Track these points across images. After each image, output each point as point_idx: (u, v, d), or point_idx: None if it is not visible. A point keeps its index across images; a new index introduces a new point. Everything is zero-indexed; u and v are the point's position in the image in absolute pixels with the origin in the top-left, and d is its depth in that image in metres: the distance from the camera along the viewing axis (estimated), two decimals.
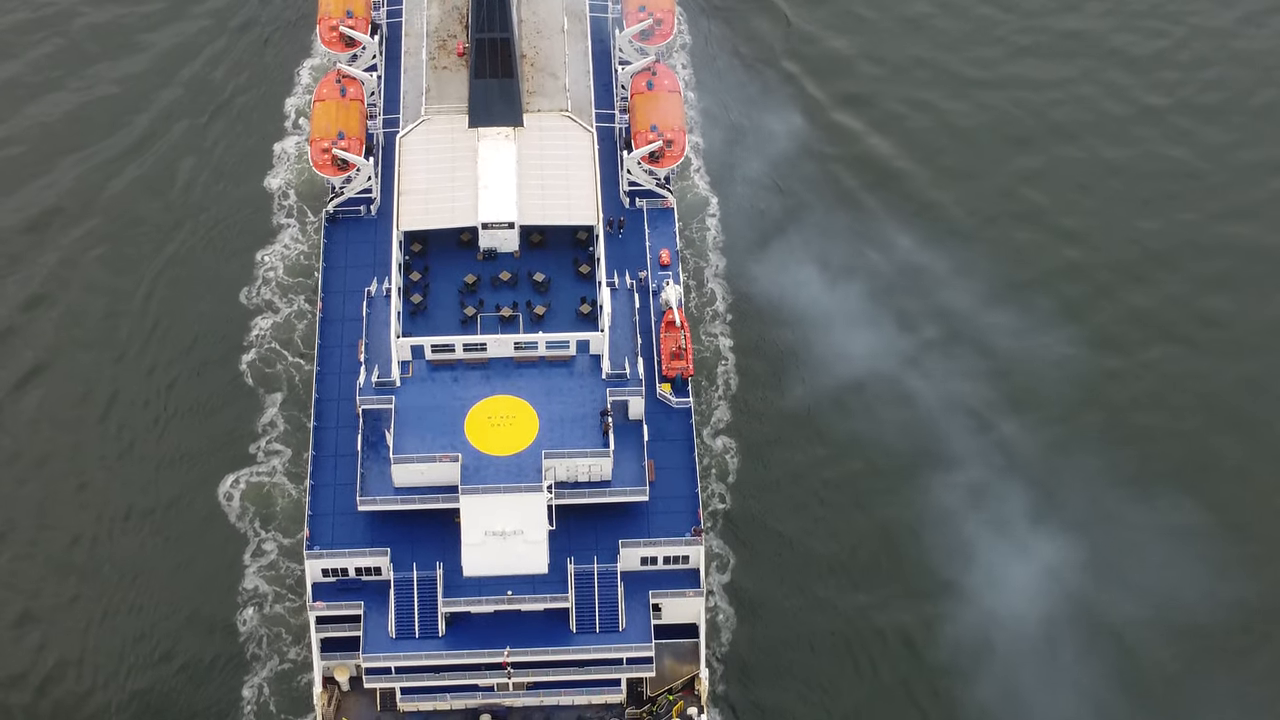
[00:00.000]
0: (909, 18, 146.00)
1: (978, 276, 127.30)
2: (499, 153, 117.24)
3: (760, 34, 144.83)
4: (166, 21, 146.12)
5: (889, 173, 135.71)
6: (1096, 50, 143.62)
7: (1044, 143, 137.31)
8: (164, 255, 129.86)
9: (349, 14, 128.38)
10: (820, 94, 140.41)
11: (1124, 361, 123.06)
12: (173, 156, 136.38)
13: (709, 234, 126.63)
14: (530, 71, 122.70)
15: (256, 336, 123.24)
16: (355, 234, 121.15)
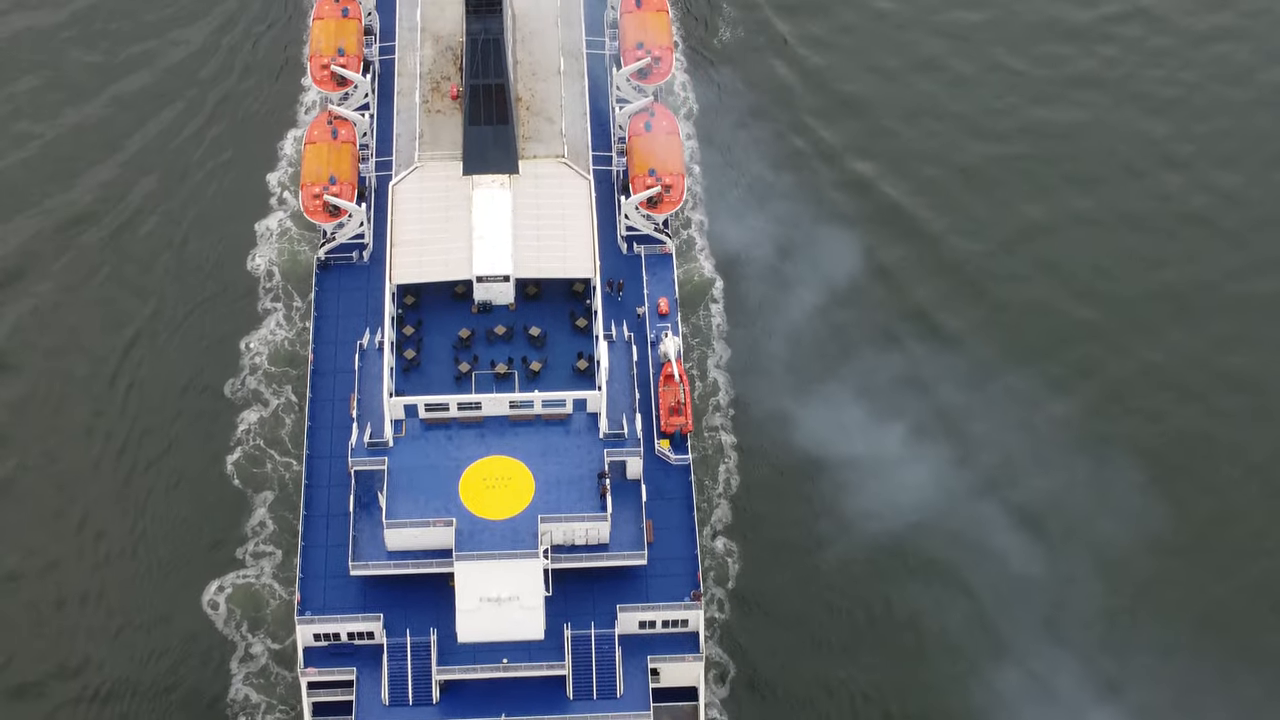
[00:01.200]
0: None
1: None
2: (494, 202, 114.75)
3: (769, 106, 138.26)
4: (142, 98, 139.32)
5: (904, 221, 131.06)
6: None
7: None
8: (139, 344, 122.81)
9: (340, 51, 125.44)
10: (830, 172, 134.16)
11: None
12: (147, 235, 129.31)
13: (714, 320, 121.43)
14: (526, 115, 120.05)
15: (243, 433, 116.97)
16: (347, 281, 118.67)
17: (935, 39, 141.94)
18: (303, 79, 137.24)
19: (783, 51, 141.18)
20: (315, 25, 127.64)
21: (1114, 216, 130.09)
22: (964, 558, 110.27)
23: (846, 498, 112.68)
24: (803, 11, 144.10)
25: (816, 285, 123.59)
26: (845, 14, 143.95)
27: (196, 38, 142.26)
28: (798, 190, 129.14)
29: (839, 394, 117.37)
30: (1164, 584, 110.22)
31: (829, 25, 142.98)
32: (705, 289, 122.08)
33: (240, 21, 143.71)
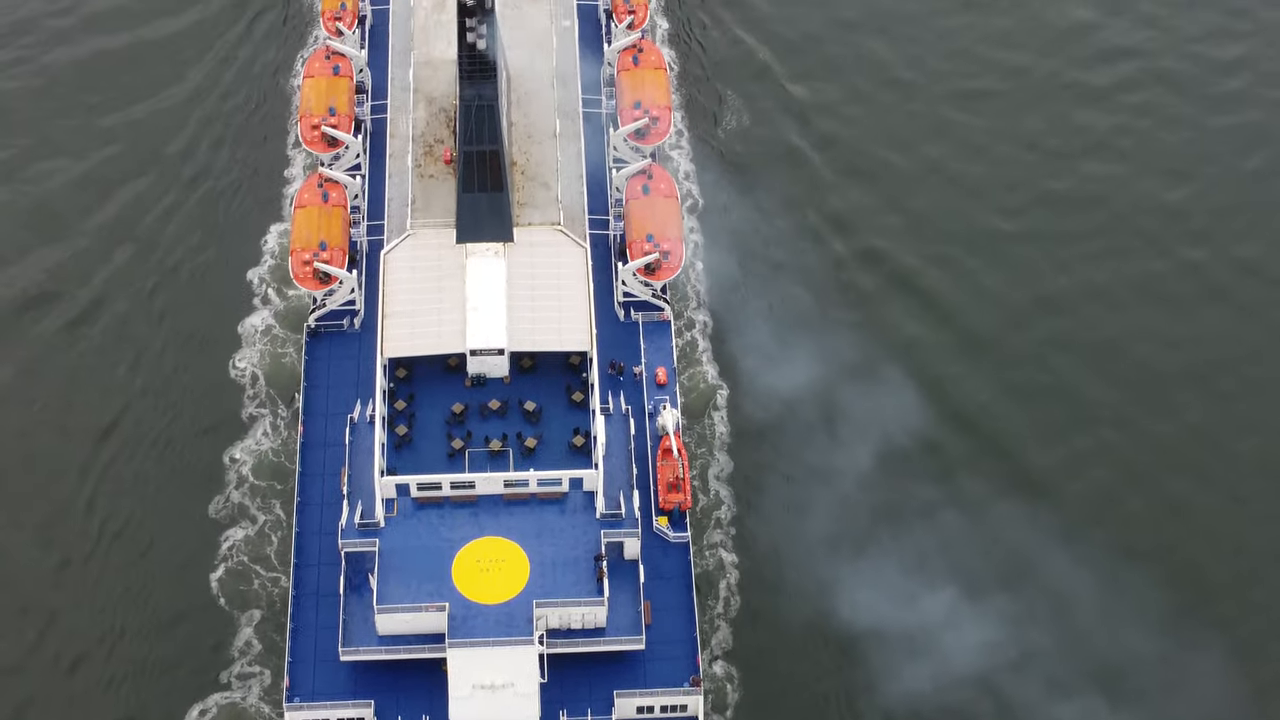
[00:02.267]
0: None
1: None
2: (488, 271, 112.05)
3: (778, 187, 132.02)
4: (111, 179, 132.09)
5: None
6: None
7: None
8: (107, 456, 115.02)
9: (331, 111, 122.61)
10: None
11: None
12: (118, 333, 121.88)
13: (717, 429, 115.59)
14: (521, 180, 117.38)
15: (229, 549, 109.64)
16: (338, 350, 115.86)
17: (949, 108, 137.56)
18: (287, 151, 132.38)
19: (794, 120, 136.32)
20: (305, 84, 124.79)
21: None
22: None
23: (870, 656, 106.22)
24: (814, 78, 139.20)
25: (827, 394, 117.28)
26: (859, 83, 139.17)
27: (167, 109, 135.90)
28: (808, 279, 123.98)
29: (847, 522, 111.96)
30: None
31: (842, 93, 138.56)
32: (709, 396, 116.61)
33: (210, 95, 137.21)
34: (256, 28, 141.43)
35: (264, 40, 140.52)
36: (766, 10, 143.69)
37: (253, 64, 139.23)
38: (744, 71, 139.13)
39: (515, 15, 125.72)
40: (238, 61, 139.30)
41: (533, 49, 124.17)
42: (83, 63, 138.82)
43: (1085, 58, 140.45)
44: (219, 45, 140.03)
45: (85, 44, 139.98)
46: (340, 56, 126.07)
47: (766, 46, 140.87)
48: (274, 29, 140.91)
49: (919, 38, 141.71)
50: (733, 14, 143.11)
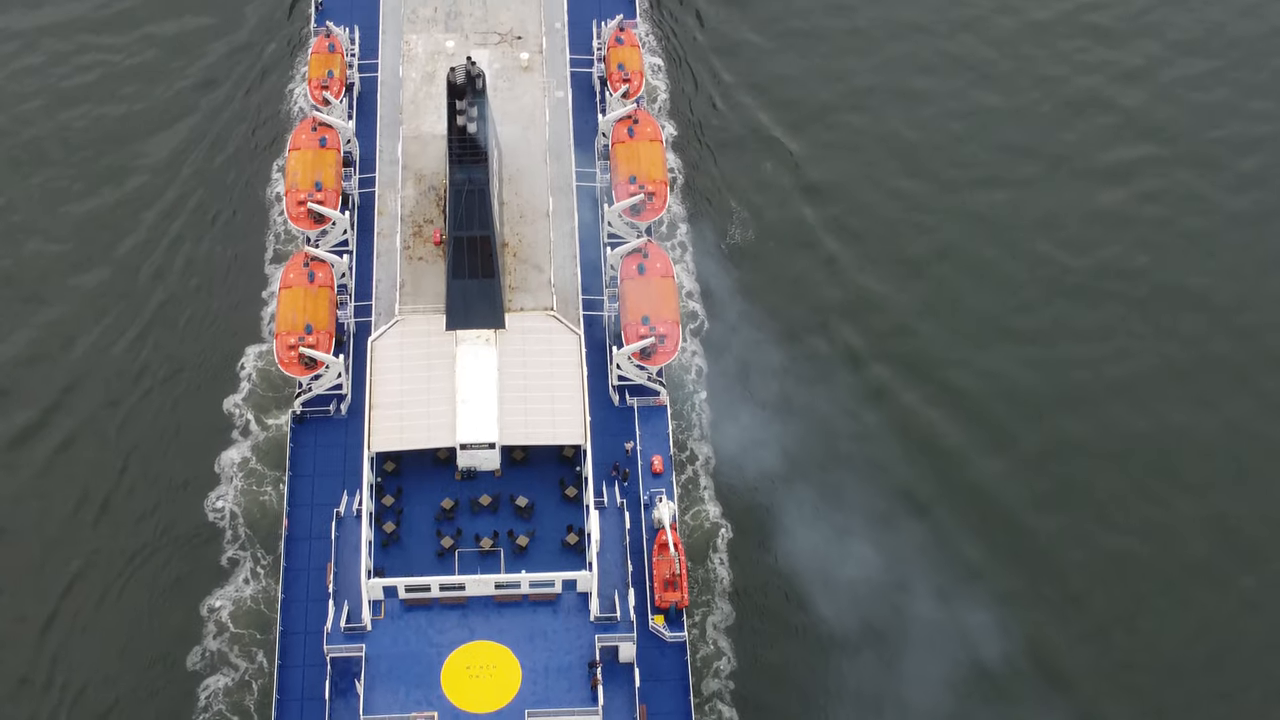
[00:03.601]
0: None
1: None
2: (478, 360, 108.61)
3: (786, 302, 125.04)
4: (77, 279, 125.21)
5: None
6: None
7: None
8: (69, 612, 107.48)
9: (318, 185, 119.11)
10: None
11: None
12: (78, 470, 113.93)
13: (720, 573, 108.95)
14: (513, 263, 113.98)
15: (208, 698, 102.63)
16: (324, 437, 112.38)
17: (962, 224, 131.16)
18: (264, 268, 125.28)
19: (806, 202, 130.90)
20: (291, 156, 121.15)
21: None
22: None
23: None
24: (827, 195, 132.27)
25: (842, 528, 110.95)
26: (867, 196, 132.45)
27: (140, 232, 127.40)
28: (819, 406, 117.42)
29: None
30: None
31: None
32: (710, 536, 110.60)
33: (179, 217, 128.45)
34: (226, 137, 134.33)
35: (234, 147, 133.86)
36: (773, 72, 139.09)
37: (227, 173, 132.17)
38: (749, 145, 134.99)
39: (507, 88, 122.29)
40: (210, 170, 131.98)
41: (525, 123, 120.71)
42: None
43: (1101, 135, 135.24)
44: (192, 157, 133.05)
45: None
46: (327, 128, 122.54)
47: (775, 120, 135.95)
48: (244, 142, 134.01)
49: (933, 110, 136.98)
50: (736, 75, 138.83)
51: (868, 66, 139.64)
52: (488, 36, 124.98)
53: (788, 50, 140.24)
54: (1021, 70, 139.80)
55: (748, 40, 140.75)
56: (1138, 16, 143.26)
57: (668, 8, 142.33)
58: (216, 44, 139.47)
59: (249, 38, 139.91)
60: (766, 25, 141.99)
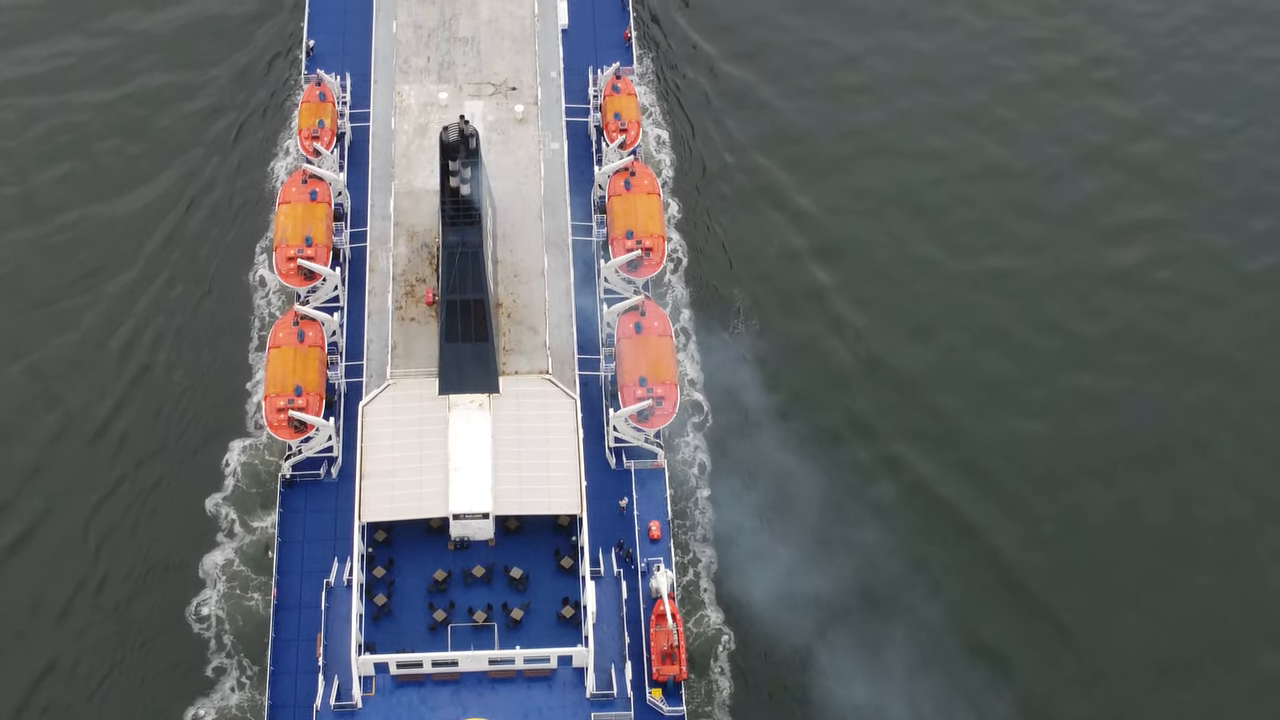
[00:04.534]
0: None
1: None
2: (472, 426, 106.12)
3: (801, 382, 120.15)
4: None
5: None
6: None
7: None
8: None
9: (308, 241, 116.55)
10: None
11: None
12: (49, 573, 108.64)
13: (722, 686, 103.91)
14: (507, 324, 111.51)
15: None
16: (314, 501, 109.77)
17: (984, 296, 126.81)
18: (248, 355, 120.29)
19: (815, 305, 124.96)
20: (281, 210, 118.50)
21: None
22: None
23: None
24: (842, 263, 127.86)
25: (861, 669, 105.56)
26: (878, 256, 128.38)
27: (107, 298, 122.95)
28: (829, 499, 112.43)
29: None
30: None
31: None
32: (712, 644, 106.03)
33: (154, 283, 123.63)
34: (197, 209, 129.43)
35: (209, 221, 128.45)
36: (780, 127, 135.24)
37: (199, 247, 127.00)
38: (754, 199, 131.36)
39: (501, 141, 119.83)
40: (181, 245, 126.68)
41: (520, 177, 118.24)
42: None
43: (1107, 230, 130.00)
44: (159, 229, 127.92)
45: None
46: (318, 180, 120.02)
47: (786, 181, 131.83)
48: (219, 209, 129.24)
49: (943, 169, 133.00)
50: (741, 127, 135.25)
51: (876, 123, 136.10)
52: (481, 88, 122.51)
53: (796, 100, 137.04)
54: (1032, 127, 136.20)
55: (753, 92, 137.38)
56: (1148, 74, 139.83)
57: (667, 57, 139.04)
58: (191, 104, 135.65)
59: (226, 99, 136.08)
60: (774, 78, 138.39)
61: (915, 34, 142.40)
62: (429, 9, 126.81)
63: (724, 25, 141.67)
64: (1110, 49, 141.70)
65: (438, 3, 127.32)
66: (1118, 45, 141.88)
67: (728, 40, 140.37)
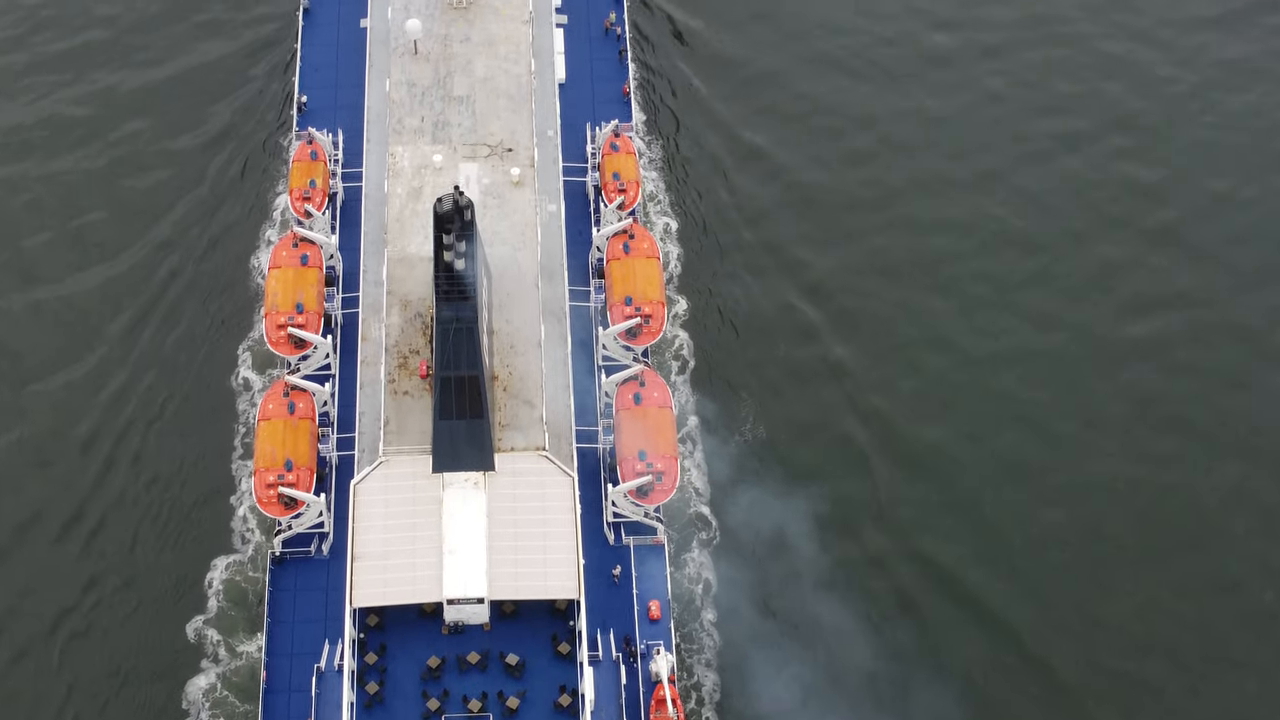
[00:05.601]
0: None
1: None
2: (467, 506, 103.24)
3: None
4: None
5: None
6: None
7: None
8: None
9: (299, 308, 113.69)
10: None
11: None
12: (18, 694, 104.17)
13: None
14: (502, 398, 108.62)
15: None
16: (304, 579, 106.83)
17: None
18: (231, 467, 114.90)
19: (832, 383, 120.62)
20: (271, 275, 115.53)
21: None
22: None
23: None
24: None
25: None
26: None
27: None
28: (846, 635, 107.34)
29: None
30: None
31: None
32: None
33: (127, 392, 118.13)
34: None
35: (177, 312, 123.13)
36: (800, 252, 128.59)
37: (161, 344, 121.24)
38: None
39: (497, 205, 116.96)
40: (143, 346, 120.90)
41: (516, 243, 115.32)
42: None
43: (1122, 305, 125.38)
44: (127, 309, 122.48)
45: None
46: (309, 244, 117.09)
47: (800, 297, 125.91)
48: (196, 321, 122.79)
49: (956, 270, 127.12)
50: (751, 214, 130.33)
51: (890, 190, 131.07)
52: (477, 149, 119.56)
53: (808, 168, 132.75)
54: (1052, 194, 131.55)
55: (764, 155, 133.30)
56: (1168, 138, 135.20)
57: (669, 112, 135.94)
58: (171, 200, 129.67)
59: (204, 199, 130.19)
60: (785, 140, 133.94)
61: (931, 96, 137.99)
62: (423, 67, 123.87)
63: (732, 79, 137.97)
64: (1130, 113, 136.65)
65: (432, 60, 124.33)
66: (1138, 109, 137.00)
67: (735, 95, 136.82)
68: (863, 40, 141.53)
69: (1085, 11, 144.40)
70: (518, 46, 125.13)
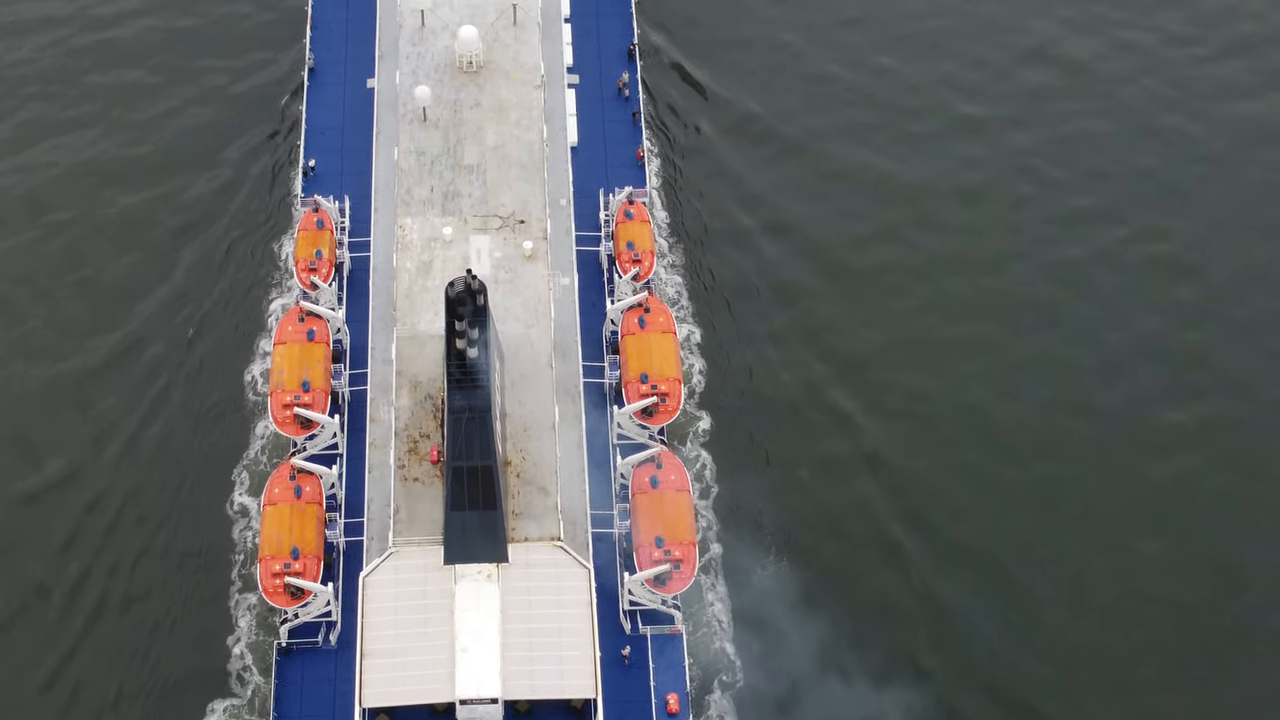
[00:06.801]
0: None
1: None
2: (479, 600, 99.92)
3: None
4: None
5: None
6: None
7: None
8: None
9: (305, 386, 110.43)
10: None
11: None
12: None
13: None
14: (516, 484, 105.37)
15: None
16: (311, 671, 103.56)
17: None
18: (230, 606, 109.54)
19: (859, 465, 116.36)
20: (277, 351, 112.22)
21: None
22: None
23: None
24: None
25: None
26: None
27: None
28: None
29: None
30: None
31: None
32: None
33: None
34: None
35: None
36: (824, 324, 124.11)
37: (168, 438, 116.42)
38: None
39: (509, 280, 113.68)
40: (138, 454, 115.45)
41: (529, 320, 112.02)
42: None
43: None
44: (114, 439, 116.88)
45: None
46: (315, 318, 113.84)
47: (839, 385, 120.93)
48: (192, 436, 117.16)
49: (982, 396, 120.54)
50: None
51: (912, 307, 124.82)
52: (488, 220, 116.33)
53: (826, 299, 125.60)
54: (1082, 308, 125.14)
55: (793, 282, 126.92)
56: (1202, 245, 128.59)
57: (687, 174, 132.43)
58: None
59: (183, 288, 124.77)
60: (800, 254, 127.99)
61: (957, 203, 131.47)
62: (432, 134, 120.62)
63: (753, 141, 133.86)
64: (1161, 218, 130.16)
65: (441, 127, 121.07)
66: (1168, 213, 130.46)
67: (757, 158, 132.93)
68: (888, 113, 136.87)
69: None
70: (529, 112, 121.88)
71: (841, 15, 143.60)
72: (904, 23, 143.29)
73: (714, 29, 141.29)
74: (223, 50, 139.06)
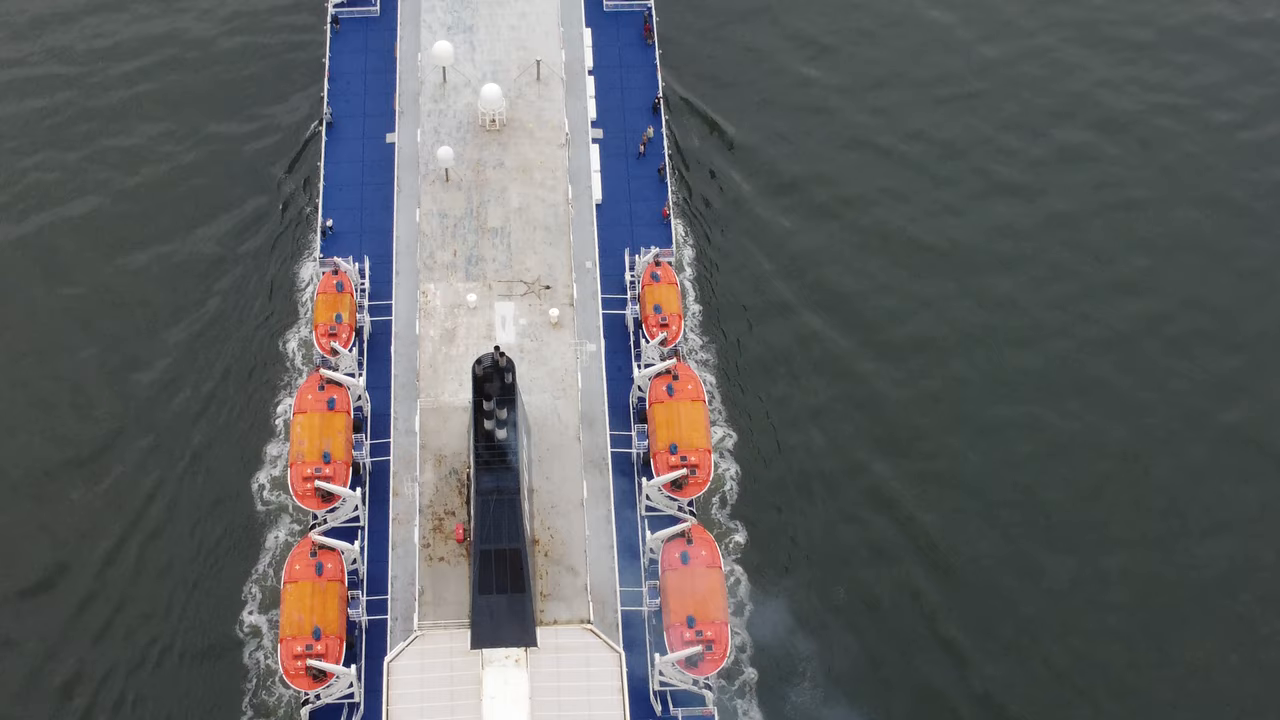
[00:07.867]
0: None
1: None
2: (508, 686, 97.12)
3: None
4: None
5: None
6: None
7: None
8: None
9: (326, 457, 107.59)
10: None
11: None
12: None
13: None
14: (544, 564, 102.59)
15: None
16: None
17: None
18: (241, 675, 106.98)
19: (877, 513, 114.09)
20: (296, 422, 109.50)
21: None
22: None
23: None
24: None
25: None
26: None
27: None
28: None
29: None
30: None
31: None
32: None
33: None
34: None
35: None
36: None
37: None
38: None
39: (535, 349, 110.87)
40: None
41: (556, 391, 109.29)
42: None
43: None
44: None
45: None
46: (336, 385, 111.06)
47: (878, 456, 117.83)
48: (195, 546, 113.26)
49: (1018, 481, 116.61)
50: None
51: (939, 388, 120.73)
52: (513, 286, 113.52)
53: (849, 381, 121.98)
54: (1121, 384, 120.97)
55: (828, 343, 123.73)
56: (1241, 323, 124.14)
57: (715, 231, 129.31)
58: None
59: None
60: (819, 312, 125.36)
61: (988, 277, 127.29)
62: (455, 196, 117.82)
63: (786, 199, 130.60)
64: (1197, 291, 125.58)
65: (464, 188, 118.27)
66: (1204, 286, 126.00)
67: (791, 217, 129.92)
68: (922, 183, 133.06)
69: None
70: (554, 172, 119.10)
71: (872, 77, 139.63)
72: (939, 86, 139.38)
73: (740, 83, 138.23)
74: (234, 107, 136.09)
